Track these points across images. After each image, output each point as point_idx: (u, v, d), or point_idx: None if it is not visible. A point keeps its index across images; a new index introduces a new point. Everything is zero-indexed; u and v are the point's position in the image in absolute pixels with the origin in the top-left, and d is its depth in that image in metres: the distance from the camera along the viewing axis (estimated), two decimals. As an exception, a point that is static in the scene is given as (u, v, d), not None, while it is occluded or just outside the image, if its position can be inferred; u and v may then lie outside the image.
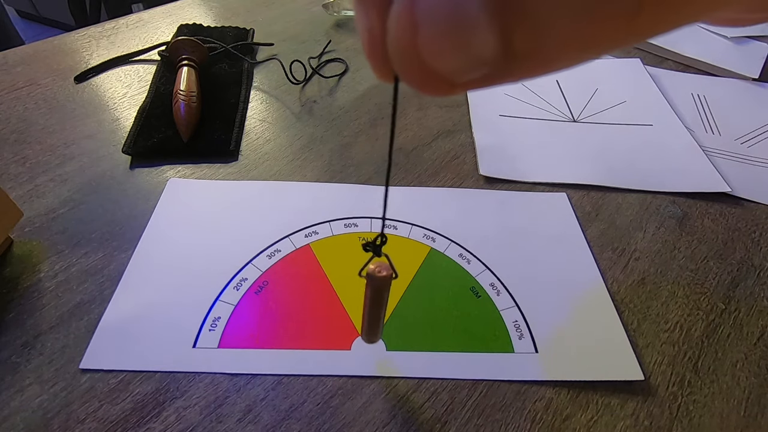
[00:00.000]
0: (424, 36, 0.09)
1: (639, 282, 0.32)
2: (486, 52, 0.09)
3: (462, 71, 0.09)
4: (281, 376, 0.26)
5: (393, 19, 0.09)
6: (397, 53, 0.10)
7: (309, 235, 0.33)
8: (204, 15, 0.59)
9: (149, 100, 0.43)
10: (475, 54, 0.09)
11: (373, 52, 0.11)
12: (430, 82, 0.10)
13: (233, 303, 0.29)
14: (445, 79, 0.09)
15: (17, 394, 0.25)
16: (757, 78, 0.52)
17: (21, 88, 0.45)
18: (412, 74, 0.10)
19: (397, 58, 0.10)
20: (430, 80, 0.10)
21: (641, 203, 0.37)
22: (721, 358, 0.28)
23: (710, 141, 0.44)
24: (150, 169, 0.38)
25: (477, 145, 0.41)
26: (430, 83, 0.10)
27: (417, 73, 0.10)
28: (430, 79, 0.10)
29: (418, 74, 0.10)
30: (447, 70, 0.09)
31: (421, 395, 0.25)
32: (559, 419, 0.25)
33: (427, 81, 0.10)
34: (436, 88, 0.10)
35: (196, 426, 0.24)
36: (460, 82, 0.10)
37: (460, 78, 0.09)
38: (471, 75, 0.09)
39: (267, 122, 0.43)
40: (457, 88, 0.10)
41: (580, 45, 0.08)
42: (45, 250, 0.31)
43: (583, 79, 0.51)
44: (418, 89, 0.10)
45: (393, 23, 0.09)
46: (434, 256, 0.32)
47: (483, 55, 0.09)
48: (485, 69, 0.09)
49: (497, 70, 0.09)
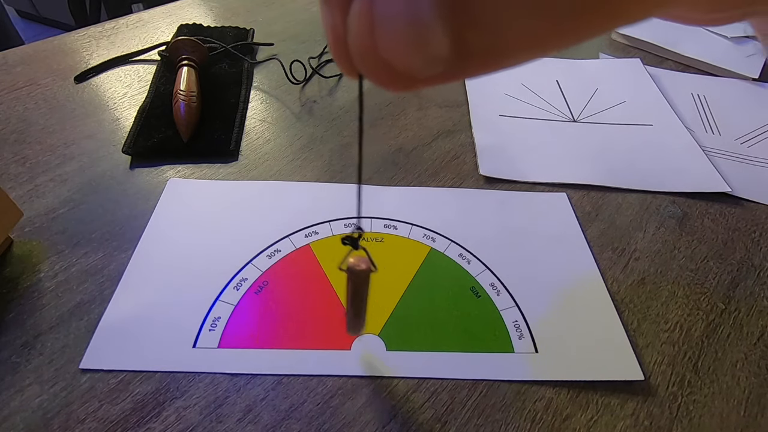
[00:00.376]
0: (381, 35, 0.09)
1: (639, 282, 0.32)
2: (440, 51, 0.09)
3: (419, 69, 0.10)
4: (281, 376, 0.26)
5: (353, 19, 0.10)
6: (357, 51, 0.10)
7: (309, 235, 0.33)
8: (204, 15, 0.59)
9: (149, 100, 0.43)
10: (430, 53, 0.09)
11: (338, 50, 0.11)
12: (390, 79, 0.10)
13: (233, 303, 0.29)
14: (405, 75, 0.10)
15: (17, 394, 0.25)
16: (757, 78, 0.52)
17: (21, 88, 0.45)
18: (373, 71, 0.10)
19: (357, 56, 0.10)
20: (390, 77, 0.10)
21: (641, 203, 0.37)
22: (721, 358, 0.28)
23: (710, 141, 0.44)
24: (150, 169, 0.38)
25: (477, 145, 0.41)
26: (391, 80, 0.10)
27: (377, 70, 0.10)
28: (390, 76, 0.10)
29: (378, 71, 0.10)
30: (405, 68, 0.10)
31: (421, 395, 0.25)
32: (559, 419, 0.25)
33: (387, 78, 0.10)
34: (397, 84, 0.10)
35: (196, 426, 0.24)
36: (419, 78, 0.10)
37: (418, 74, 0.10)
38: (428, 72, 0.10)
39: (267, 122, 0.43)
40: (417, 84, 0.10)
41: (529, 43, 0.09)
42: (45, 250, 0.31)
43: (583, 79, 0.51)
44: (380, 85, 0.10)
45: (353, 22, 0.10)
46: (434, 256, 0.32)
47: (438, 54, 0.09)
48: (441, 66, 0.09)
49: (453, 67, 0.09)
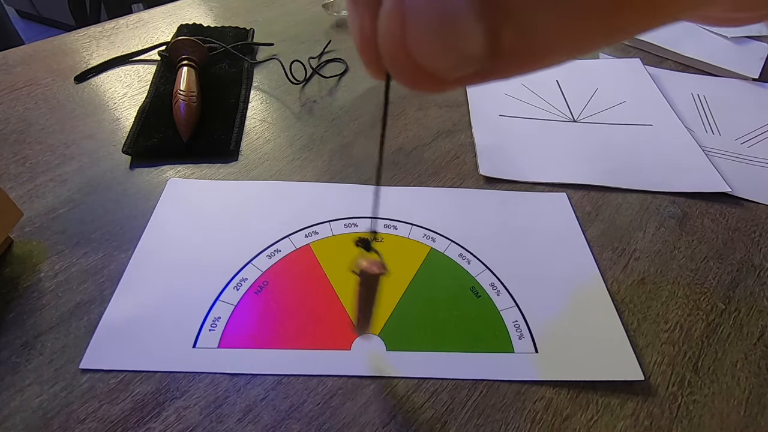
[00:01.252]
0: (413, 35, 0.09)
1: (639, 282, 0.32)
2: (474, 50, 0.09)
3: (451, 69, 0.09)
4: (281, 376, 0.26)
5: (383, 18, 0.09)
6: (387, 51, 0.10)
7: (309, 235, 0.33)
8: (204, 15, 0.59)
9: (149, 100, 0.43)
10: (464, 52, 0.09)
11: (366, 51, 0.11)
12: (420, 80, 0.10)
13: (233, 303, 0.29)
14: (435, 76, 0.10)
15: (17, 394, 0.25)
16: (757, 78, 0.52)
17: (21, 88, 0.45)
18: (403, 72, 0.10)
19: (387, 56, 0.10)
20: (420, 77, 0.10)
21: (641, 203, 0.37)
22: (721, 358, 0.28)
23: (710, 141, 0.44)
24: (150, 169, 0.38)
25: (477, 145, 0.41)
26: (421, 80, 0.10)
27: (407, 71, 0.10)
28: (420, 77, 0.10)
29: (408, 72, 0.10)
30: (436, 68, 0.09)
31: (421, 395, 0.25)
32: (559, 419, 0.25)
33: (417, 78, 0.10)
34: (427, 85, 0.10)
35: (196, 426, 0.24)
36: (449, 79, 0.10)
37: (450, 75, 0.10)
38: (460, 72, 0.09)
39: (267, 122, 0.43)
40: (447, 84, 0.10)
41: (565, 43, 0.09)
42: (45, 250, 0.31)
43: (583, 79, 0.51)
44: (409, 86, 0.10)
45: (383, 22, 0.09)
46: (434, 256, 0.32)
47: (471, 53, 0.09)
48: (474, 66, 0.09)
49: (486, 67, 0.09)
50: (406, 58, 0.09)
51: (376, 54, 0.10)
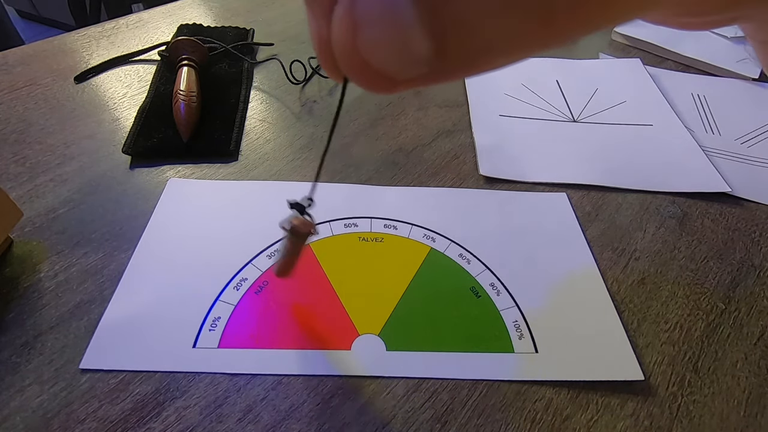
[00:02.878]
0: (363, 39, 0.09)
1: (639, 282, 0.32)
2: (421, 53, 0.09)
3: (401, 71, 0.10)
4: (281, 376, 0.26)
5: (335, 23, 0.10)
6: (341, 55, 0.10)
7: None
8: (204, 15, 0.59)
9: (149, 100, 0.43)
10: (411, 55, 0.09)
11: (323, 54, 0.11)
12: (373, 81, 0.10)
13: (233, 303, 0.29)
14: (387, 77, 0.10)
15: (17, 394, 0.25)
16: (757, 78, 0.52)
17: (21, 88, 0.45)
18: (356, 74, 0.10)
19: (341, 59, 0.10)
20: (373, 79, 0.10)
21: (641, 203, 0.37)
22: (721, 358, 0.28)
23: (710, 141, 0.44)
24: (150, 169, 0.38)
25: (477, 145, 0.41)
26: (374, 82, 0.10)
27: (360, 73, 0.10)
28: (372, 78, 0.10)
29: (361, 74, 0.10)
30: (387, 70, 0.10)
31: (421, 395, 0.25)
32: (559, 419, 0.25)
33: (370, 80, 0.10)
34: (380, 86, 0.10)
35: (196, 426, 0.24)
36: (400, 80, 0.10)
37: (399, 76, 0.10)
38: (410, 74, 0.10)
39: (267, 122, 0.43)
40: (399, 86, 0.10)
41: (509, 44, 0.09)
42: (45, 250, 0.31)
43: (583, 79, 0.51)
44: (363, 87, 0.11)
45: (336, 27, 0.10)
46: (434, 256, 0.32)
47: (419, 56, 0.09)
48: (422, 68, 0.09)
49: (435, 68, 0.09)
50: (359, 60, 0.10)
51: (332, 57, 0.10)
